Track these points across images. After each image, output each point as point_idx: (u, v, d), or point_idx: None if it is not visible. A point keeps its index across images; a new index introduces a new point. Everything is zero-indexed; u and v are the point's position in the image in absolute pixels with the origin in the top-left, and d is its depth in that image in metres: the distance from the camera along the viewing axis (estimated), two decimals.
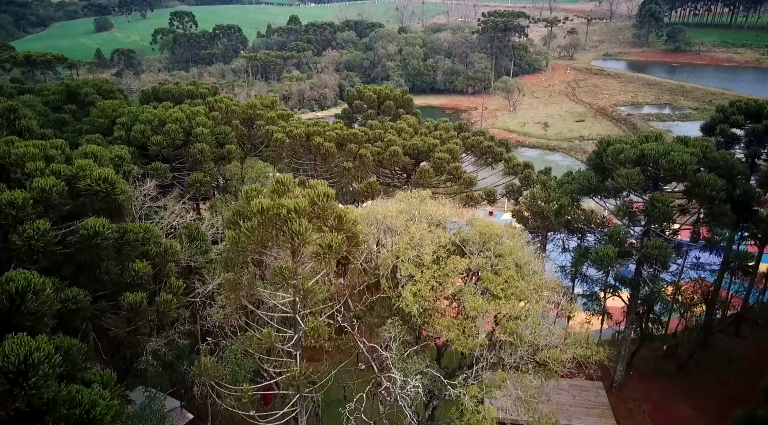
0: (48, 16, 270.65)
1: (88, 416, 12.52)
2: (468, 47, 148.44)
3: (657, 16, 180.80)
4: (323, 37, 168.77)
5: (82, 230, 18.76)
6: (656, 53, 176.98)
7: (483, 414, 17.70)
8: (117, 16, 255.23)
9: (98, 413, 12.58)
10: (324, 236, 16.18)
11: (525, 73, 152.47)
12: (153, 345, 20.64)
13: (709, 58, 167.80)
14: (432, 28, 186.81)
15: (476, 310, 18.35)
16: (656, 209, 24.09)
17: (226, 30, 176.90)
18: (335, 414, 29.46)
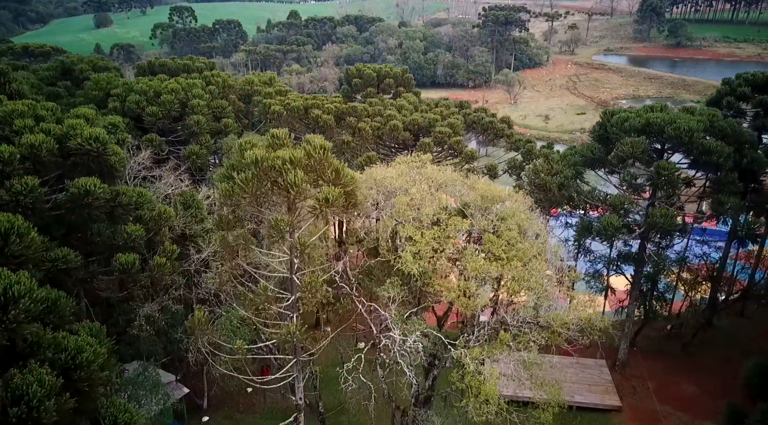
0: (47, 12, 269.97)
1: (75, 362, 11.97)
2: (468, 41, 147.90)
3: (658, 12, 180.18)
4: (323, 31, 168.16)
5: (72, 189, 18.25)
6: (657, 48, 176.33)
7: (485, 375, 17.19)
8: (117, 13, 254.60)
9: (85, 359, 12.03)
10: (321, 189, 15.64)
11: (526, 67, 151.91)
12: (146, 310, 20.09)
13: (711, 53, 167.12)
14: (432, 22, 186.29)
15: (477, 271, 17.80)
16: (662, 177, 23.53)
17: (225, 25, 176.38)
18: (334, 391, 29.03)
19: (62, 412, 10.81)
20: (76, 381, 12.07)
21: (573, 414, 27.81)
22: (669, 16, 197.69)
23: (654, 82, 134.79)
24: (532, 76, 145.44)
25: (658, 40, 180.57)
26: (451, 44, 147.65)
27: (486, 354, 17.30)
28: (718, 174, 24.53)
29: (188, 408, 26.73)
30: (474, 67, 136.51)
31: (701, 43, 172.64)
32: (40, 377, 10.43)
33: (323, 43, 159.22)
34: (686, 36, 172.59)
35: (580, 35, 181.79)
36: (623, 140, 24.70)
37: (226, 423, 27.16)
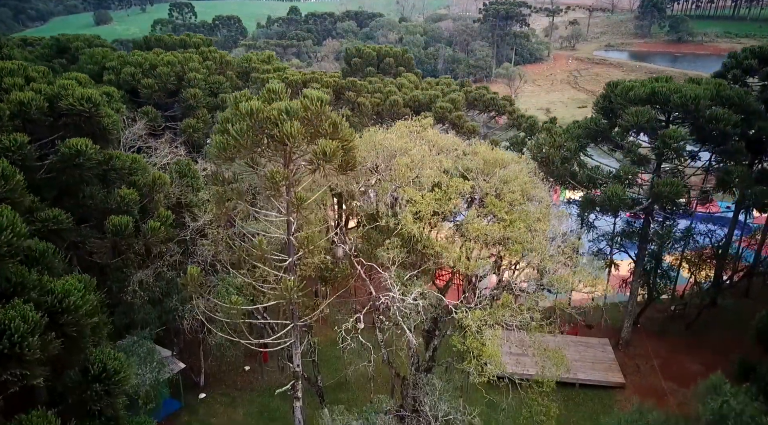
0: (47, 10, 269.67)
1: (62, 305, 11.52)
2: (469, 36, 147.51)
3: (659, 8, 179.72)
4: (323, 27, 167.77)
5: (63, 148, 17.79)
6: (659, 44, 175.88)
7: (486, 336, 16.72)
8: (117, 11, 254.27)
9: (72, 303, 11.57)
10: (318, 142, 15.15)
11: (526, 62, 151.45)
12: (140, 276, 19.61)
13: (712, 48, 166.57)
14: (433, 17, 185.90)
15: (479, 233, 17.33)
16: (667, 145, 23.04)
17: (225, 21, 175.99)
18: (333, 369, 28.58)
19: (47, 350, 10.36)
20: (63, 326, 11.63)
21: (576, 391, 27.39)
22: (670, 12, 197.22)
23: (655, 76, 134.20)
24: (533, 71, 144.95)
25: (659, 35, 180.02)
26: (452, 39, 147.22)
27: (488, 315, 16.82)
28: (725, 145, 24.03)
29: (185, 385, 26.28)
30: (474, 61, 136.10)
31: (702, 38, 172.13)
32: (24, 312, 9.98)
33: (323, 39, 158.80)
34: (687, 31, 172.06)
35: (580, 31, 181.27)
36: (628, 109, 24.22)
37: (224, 400, 26.71)
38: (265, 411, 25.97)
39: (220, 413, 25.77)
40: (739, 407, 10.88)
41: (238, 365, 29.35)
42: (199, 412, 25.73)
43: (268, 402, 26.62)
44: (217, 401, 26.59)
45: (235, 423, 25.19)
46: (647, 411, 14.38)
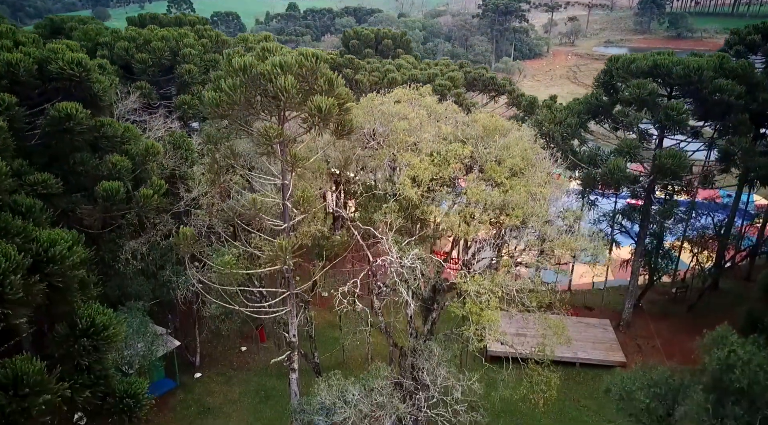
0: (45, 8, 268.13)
1: (47, 254, 11.12)
2: (468, 31, 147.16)
3: (659, 4, 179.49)
4: (322, 23, 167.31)
5: (52, 112, 17.38)
6: (658, 40, 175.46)
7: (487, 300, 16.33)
8: (115, 8, 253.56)
9: (58, 253, 11.17)
10: (313, 99, 14.78)
11: (526, 58, 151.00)
12: (133, 245, 19.20)
13: (712, 43, 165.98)
14: (432, 13, 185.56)
15: (478, 198, 16.95)
16: (670, 118, 22.67)
17: (224, 17, 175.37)
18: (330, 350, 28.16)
19: (30, 293, 9.97)
20: (49, 276, 11.23)
21: (576, 370, 27.02)
22: (669, 8, 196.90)
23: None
24: (532, 67, 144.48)
25: (659, 32, 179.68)
26: (451, 34, 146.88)
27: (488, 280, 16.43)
28: (728, 118, 23.65)
29: (180, 365, 25.89)
30: (473, 56, 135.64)
31: (702, 35, 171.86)
32: (6, 250, 9.58)
33: (322, 35, 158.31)
34: (687, 28, 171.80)
35: (580, 27, 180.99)
36: (630, 82, 23.84)
37: (219, 379, 26.31)
38: (262, 389, 25.58)
39: (216, 392, 25.39)
40: (746, 356, 10.54)
41: (234, 345, 28.98)
42: (194, 391, 25.34)
43: (265, 381, 26.24)
44: (212, 380, 26.20)
45: (231, 401, 24.80)
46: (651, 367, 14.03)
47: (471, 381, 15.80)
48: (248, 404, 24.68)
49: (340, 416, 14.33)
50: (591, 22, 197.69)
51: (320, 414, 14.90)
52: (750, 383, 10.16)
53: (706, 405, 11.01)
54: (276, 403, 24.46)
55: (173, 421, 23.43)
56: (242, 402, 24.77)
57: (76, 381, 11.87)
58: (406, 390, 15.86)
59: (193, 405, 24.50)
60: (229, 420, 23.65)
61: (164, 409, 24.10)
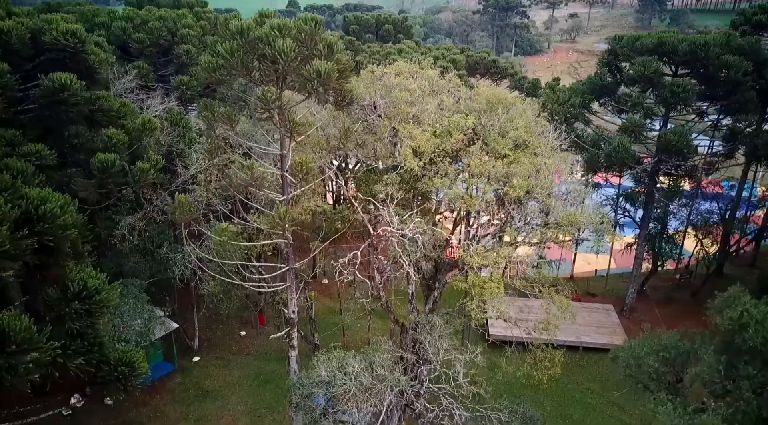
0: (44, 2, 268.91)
1: (37, 212, 10.77)
2: (468, 27, 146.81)
3: (660, 0, 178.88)
4: None
5: (46, 82, 17.02)
6: None
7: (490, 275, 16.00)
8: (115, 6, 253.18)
9: (49, 211, 10.83)
10: (311, 63, 14.41)
11: (526, 54, 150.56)
12: (129, 220, 18.82)
13: None
14: (432, 10, 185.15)
15: (482, 168, 16.58)
16: (675, 95, 22.29)
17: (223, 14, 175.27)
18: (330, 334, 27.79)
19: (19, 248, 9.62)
20: (39, 234, 10.87)
21: (580, 354, 26.68)
22: (671, 5, 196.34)
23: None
24: (533, 63, 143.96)
25: (660, 29, 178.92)
26: (451, 30, 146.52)
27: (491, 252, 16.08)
28: (735, 95, 23.25)
29: (178, 349, 25.56)
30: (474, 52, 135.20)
31: (703, 31, 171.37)
32: None
33: None
34: (688, 24, 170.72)
35: (581, 23, 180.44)
36: (634, 59, 23.47)
37: (218, 363, 25.96)
38: (261, 373, 25.23)
39: (215, 375, 25.04)
40: (759, 315, 10.18)
41: (233, 330, 28.66)
42: (192, 374, 25.00)
43: (264, 365, 25.90)
44: (211, 364, 25.86)
45: (230, 384, 24.46)
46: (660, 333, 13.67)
47: (474, 355, 15.42)
48: (247, 387, 24.34)
49: (339, 388, 13.98)
50: (592, 19, 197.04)
51: (319, 386, 14.54)
52: (764, 342, 9.81)
53: (718, 366, 10.67)
54: (276, 386, 24.10)
55: (171, 403, 23.09)
56: (241, 386, 24.43)
57: (68, 347, 11.55)
58: (407, 362, 15.50)
59: (192, 388, 24.17)
60: (227, 402, 23.31)
61: (162, 392, 23.77)
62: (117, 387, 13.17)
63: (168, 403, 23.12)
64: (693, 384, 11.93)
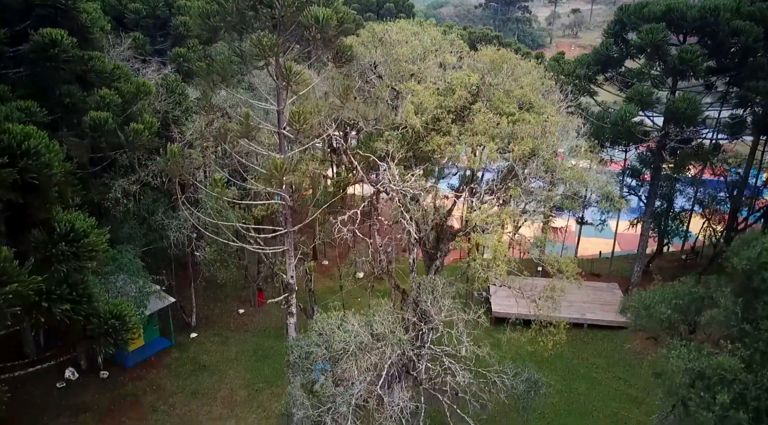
0: None
1: (21, 147, 10.28)
2: (470, 21, 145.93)
3: None
4: None
5: (36, 37, 16.51)
6: None
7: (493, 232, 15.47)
8: None
9: (33, 146, 10.34)
10: (310, 9, 13.90)
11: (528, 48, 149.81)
12: (123, 183, 18.32)
13: None
14: (434, 4, 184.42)
15: (486, 125, 16.07)
16: (684, 61, 21.73)
17: None
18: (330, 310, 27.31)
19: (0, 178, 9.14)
20: (23, 171, 10.38)
21: (585, 331, 26.16)
22: None
23: None
24: None
25: None
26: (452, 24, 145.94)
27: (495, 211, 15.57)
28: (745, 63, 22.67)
29: (175, 326, 25.08)
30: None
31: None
32: None
33: None
34: None
35: (583, 19, 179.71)
36: (641, 27, 22.90)
37: (216, 339, 25.46)
38: (260, 349, 24.74)
39: (212, 351, 24.55)
40: None
41: (231, 308, 28.18)
42: (189, 349, 24.51)
43: (263, 341, 25.40)
44: (209, 340, 25.36)
45: (228, 359, 23.97)
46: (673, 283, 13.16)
47: (477, 315, 14.93)
48: (246, 362, 23.86)
49: (338, 345, 13.48)
50: (594, 15, 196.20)
51: (317, 345, 14.04)
52: None
53: (735, 308, 10.16)
54: (274, 362, 23.59)
55: (167, 377, 22.62)
56: (239, 361, 23.95)
57: (54, 291, 11.06)
58: (408, 323, 14.99)
59: (188, 362, 23.68)
60: (225, 376, 22.83)
61: (158, 366, 23.30)
62: (107, 341, 12.71)
63: (164, 377, 22.65)
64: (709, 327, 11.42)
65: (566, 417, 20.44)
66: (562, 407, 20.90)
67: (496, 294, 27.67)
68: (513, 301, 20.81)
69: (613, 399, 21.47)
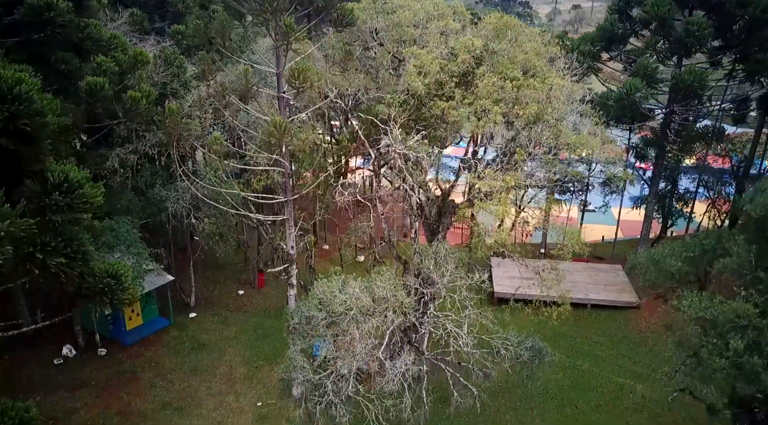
0: None
1: (11, 92, 9.98)
2: None
3: None
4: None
5: (31, 0, 16.18)
6: None
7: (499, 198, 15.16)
8: None
9: (24, 91, 10.04)
10: None
11: None
12: (121, 152, 18.02)
13: None
14: None
15: (490, 90, 15.75)
16: (691, 34, 21.41)
17: None
18: None
19: None
20: (15, 117, 10.09)
21: (588, 311, 25.85)
22: None
23: None
24: None
25: None
26: None
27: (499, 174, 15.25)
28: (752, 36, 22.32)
29: (175, 306, 24.81)
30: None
31: None
32: None
33: None
34: None
35: (584, 15, 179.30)
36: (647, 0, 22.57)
37: (215, 319, 25.18)
38: (259, 328, 24.47)
39: (212, 330, 24.28)
40: None
41: (230, 290, 27.91)
42: (189, 329, 24.24)
43: (263, 321, 25.12)
44: (208, 320, 25.09)
45: (227, 338, 23.69)
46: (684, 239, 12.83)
47: (480, 280, 14.62)
48: (245, 341, 23.59)
49: (339, 307, 13.18)
50: (595, 11, 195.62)
51: (318, 309, 13.74)
52: None
53: (749, 256, 9.88)
54: (274, 340, 23.31)
55: (166, 355, 22.35)
56: (239, 339, 23.67)
57: (48, 243, 10.77)
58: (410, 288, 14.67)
59: (187, 341, 23.41)
60: (224, 354, 22.56)
61: (157, 344, 23.04)
62: (103, 301, 12.45)
63: (163, 354, 22.38)
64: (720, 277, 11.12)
65: (570, 392, 20.16)
66: (566, 383, 20.63)
67: (498, 275, 27.43)
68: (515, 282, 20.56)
69: (618, 374, 21.18)
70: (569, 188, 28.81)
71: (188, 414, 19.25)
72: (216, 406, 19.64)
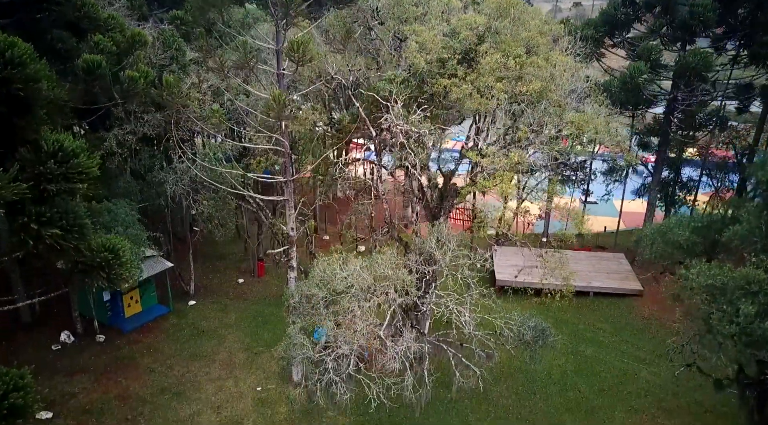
0: None
1: (4, 57, 9.79)
2: None
3: None
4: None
5: None
6: None
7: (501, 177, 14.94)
8: None
9: (17, 55, 9.85)
10: None
11: None
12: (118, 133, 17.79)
13: None
14: None
15: (493, 65, 15.53)
16: (695, 15, 21.18)
17: None
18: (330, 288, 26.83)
19: None
20: (8, 82, 9.89)
21: (590, 299, 25.61)
22: None
23: None
24: None
25: None
26: None
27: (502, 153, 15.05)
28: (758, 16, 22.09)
29: (174, 294, 24.61)
30: None
31: None
32: None
33: None
34: None
35: (585, 13, 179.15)
36: None
37: (215, 306, 24.97)
38: (259, 316, 24.26)
39: (211, 317, 24.06)
40: None
41: (230, 278, 27.70)
42: (188, 316, 24.02)
43: (263, 309, 24.90)
44: (207, 307, 24.87)
45: (227, 325, 23.48)
46: None
47: (483, 259, 14.42)
48: (245, 328, 23.37)
49: (340, 285, 12.98)
50: (596, 9, 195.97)
51: (318, 287, 13.53)
52: None
53: (759, 223, 9.68)
54: (274, 327, 23.09)
55: (165, 341, 22.15)
56: (239, 326, 23.45)
57: (43, 213, 10.57)
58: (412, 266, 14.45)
59: (187, 328, 23.20)
60: (224, 341, 22.34)
61: (155, 331, 22.83)
62: (99, 275, 12.25)
63: (162, 341, 22.18)
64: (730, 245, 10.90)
65: (573, 376, 19.95)
66: (569, 368, 20.42)
67: (500, 263, 27.19)
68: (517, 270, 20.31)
69: (621, 360, 20.97)
70: (571, 177, 28.57)
71: (187, 398, 19.06)
72: (215, 391, 19.45)
